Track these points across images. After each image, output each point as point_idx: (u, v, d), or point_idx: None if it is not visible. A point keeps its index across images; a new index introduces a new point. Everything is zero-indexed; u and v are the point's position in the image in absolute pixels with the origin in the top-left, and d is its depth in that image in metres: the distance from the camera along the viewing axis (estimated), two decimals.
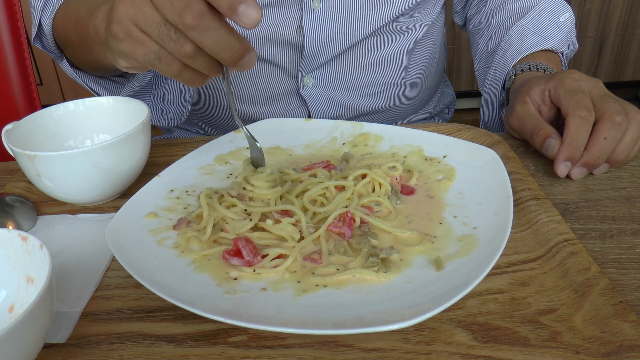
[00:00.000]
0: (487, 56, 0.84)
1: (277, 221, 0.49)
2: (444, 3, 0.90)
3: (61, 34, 0.72)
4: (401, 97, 0.88)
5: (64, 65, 0.74)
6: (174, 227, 0.52)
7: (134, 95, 0.79)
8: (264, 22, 0.77)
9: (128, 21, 0.43)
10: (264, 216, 0.51)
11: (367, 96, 0.85)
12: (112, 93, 0.76)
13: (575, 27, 0.82)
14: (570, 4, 0.81)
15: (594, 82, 0.60)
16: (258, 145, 0.55)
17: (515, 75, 0.74)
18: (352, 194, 0.53)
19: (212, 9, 0.40)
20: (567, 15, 0.80)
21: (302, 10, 0.76)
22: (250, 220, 0.50)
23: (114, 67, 0.70)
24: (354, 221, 0.50)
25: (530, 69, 0.73)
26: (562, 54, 0.79)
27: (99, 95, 0.76)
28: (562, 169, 0.58)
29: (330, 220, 0.49)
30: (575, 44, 0.82)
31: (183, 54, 0.42)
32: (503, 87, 0.78)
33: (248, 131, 0.55)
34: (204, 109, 0.88)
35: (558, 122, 0.64)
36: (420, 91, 0.91)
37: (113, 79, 0.77)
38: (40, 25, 0.73)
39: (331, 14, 0.77)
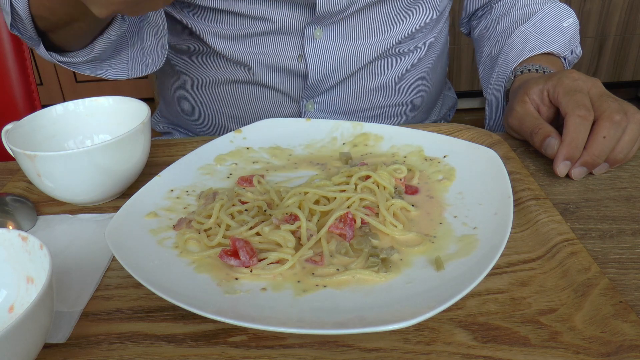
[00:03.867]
0: (491, 61, 0.84)
1: (277, 227, 0.49)
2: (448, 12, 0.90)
3: (35, 5, 0.68)
4: (404, 114, 0.88)
5: (41, 50, 0.72)
6: (174, 227, 0.52)
7: (112, 56, 0.77)
8: (265, 50, 0.77)
9: None
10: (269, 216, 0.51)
11: (370, 118, 0.85)
12: (90, 62, 0.74)
13: (581, 14, 0.82)
14: (570, 4, 0.81)
15: (593, 82, 0.60)
16: None
17: (515, 76, 0.74)
18: (354, 190, 0.53)
19: None
20: (571, 21, 0.79)
21: (303, 39, 0.76)
22: (251, 228, 0.49)
23: (89, 19, 0.67)
24: (355, 222, 0.50)
25: (529, 70, 0.73)
26: (565, 59, 0.79)
27: (75, 68, 0.75)
28: (561, 168, 0.58)
29: (330, 221, 0.49)
30: (579, 50, 0.82)
31: None
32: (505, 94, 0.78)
33: None
34: (206, 120, 0.88)
35: (557, 122, 0.64)
36: (423, 104, 0.91)
37: (87, 59, 0.74)
38: (13, 10, 0.69)
39: (333, 43, 0.77)
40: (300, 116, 0.82)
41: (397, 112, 0.87)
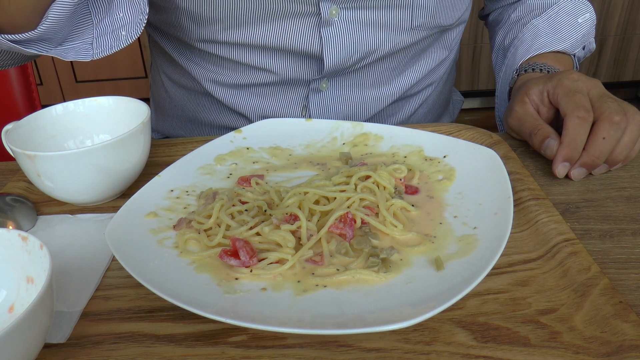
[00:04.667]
0: (502, 52, 0.82)
1: (277, 227, 0.49)
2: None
3: None
4: None
5: None
6: (174, 227, 0.52)
7: (72, 36, 0.64)
8: (267, 101, 0.75)
9: None
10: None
11: None
12: (43, 39, 0.60)
13: (595, 27, 0.80)
14: None
15: (593, 83, 0.60)
16: None
17: (518, 75, 0.73)
18: (354, 190, 0.53)
19: None
20: (587, 16, 0.78)
21: (308, 90, 0.74)
22: (251, 228, 0.49)
23: None
24: (355, 222, 0.50)
25: (534, 69, 0.72)
26: (575, 56, 0.78)
27: (26, 47, 0.60)
28: (560, 169, 0.58)
29: (330, 221, 0.49)
30: (592, 45, 0.81)
31: None
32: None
33: None
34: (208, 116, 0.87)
35: (557, 122, 0.64)
36: (432, 119, 0.90)
37: (39, 33, 0.59)
38: None
39: (339, 93, 0.75)
40: None
41: None
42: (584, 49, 0.79)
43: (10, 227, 0.54)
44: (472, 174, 0.57)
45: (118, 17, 0.63)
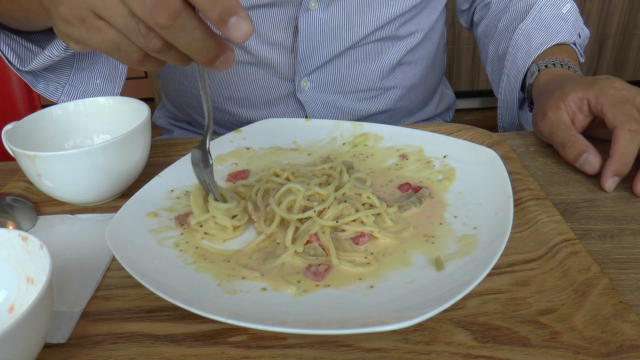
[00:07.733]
0: (498, 61, 0.83)
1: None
2: (445, 4, 0.89)
3: None
4: (400, 100, 0.87)
5: None
6: (179, 222, 0.52)
7: (51, 68, 0.69)
8: (258, 23, 0.77)
9: (82, 5, 0.37)
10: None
11: (365, 100, 0.85)
12: (23, 61, 0.65)
13: (581, 14, 0.81)
14: None
15: (637, 91, 0.59)
16: (210, 162, 0.50)
17: (538, 71, 0.72)
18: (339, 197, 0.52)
19: (188, 6, 0.36)
20: (568, 6, 0.79)
21: (298, 10, 0.75)
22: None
23: (39, 24, 0.61)
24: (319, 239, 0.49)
25: (554, 64, 0.71)
26: (575, 44, 0.78)
27: (8, 60, 0.66)
28: (610, 184, 0.56)
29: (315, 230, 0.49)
30: (586, 31, 0.81)
31: (151, 49, 0.38)
32: (522, 89, 0.78)
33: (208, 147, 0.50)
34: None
35: (587, 130, 0.63)
36: (419, 93, 0.91)
37: (27, 45, 0.66)
38: None
39: (326, 14, 0.76)
40: (295, 95, 0.82)
41: (393, 97, 0.86)
42: (579, 37, 0.79)
43: (10, 227, 0.54)
44: (472, 174, 0.57)
45: (94, 82, 0.69)
